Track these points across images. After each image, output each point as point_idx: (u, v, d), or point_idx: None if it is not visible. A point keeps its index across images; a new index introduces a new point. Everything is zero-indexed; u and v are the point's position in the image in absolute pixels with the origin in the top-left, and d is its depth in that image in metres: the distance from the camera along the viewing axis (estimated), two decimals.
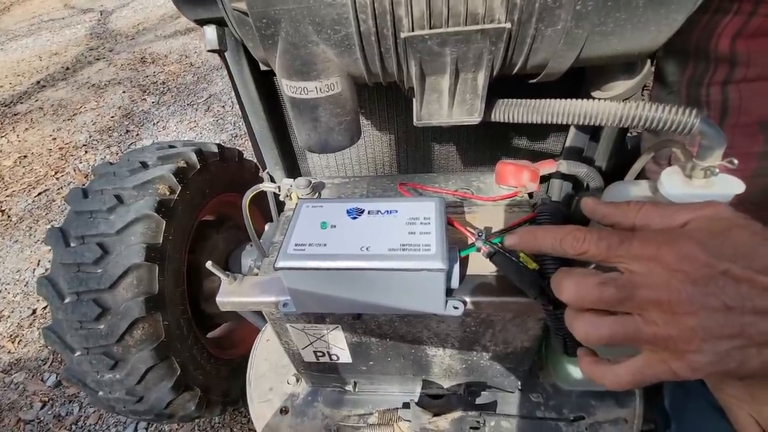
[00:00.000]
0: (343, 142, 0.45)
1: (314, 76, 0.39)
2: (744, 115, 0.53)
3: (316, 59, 0.38)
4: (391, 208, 0.46)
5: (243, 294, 0.52)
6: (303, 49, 0.37)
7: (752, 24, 0.50)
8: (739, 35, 0.51)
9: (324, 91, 0.40)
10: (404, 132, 0.78)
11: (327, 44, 0.37)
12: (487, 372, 0.67)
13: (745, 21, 0.50)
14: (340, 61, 0.39)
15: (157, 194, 1.05)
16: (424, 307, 0.46)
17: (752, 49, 0.51)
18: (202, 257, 1.28)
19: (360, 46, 0.37)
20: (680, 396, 0.73)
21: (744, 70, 0.52)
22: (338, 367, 0.67)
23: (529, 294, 0.47)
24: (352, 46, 0.37)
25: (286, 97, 0.42)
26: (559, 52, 0.38)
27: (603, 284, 0.32)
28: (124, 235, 0.98)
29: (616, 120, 0.44)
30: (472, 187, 0.67)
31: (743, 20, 0.50)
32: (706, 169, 0.43)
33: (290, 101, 0.42)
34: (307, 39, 0.36)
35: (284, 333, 0.59)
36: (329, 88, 0.40)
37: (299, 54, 0.37)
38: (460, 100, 0.43)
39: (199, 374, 1.11)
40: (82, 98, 3.17)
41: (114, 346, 0.95)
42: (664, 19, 0.36)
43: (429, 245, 0.42)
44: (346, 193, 0.67)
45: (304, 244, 0.43)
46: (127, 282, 0.96)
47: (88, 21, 4.66)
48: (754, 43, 0.51)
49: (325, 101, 0.41)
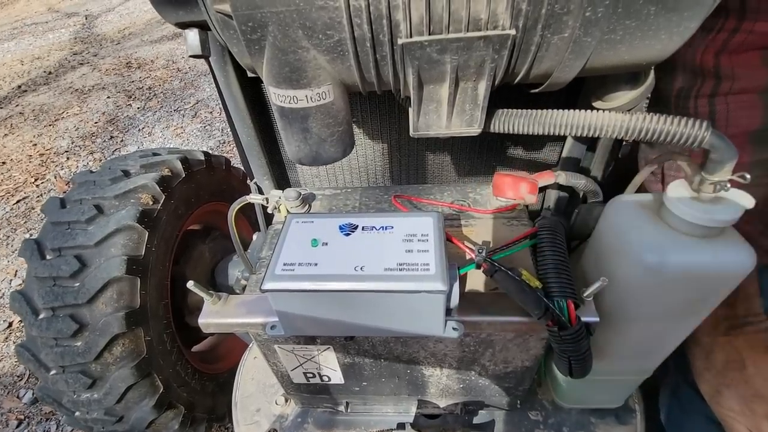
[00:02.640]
0: (335, 154, 0.42)
1: (304, 84, 0.36)
2: (732, 127, 0.53)
3: (307, 66, 0.35)
4: (387, 224, 0.44)
5: (227, 315, 0.48)
6: (292, 56, 0.34)
7: (735, 40, 0.50)
8: (722, 51, 0.51)
9: (315, 100, 0.37)
10: (397, 141, 0.76)
11: (318, 50, 0.35)
12: (485, 391, 0.64)
13: (728, 38, 0.51)
14: (333, 68, 0.36)
15: (140, 204, 1.01)
16: (422, 329, 0.44)
17: (736, 64, 0.52)
18: (188, 268, 1.24)
19: (354, 52, 0.34)
20: (677, 410, 0.71)
21: (729, 84, 0.53)
22: (329, 388, 0.64)
23: (532, 314, 0.44)
24: (345, 52, 0.35)
25: (274, 106, 0.39)
26: (566, 61, 0.36)
27: None
28: (104, 247, 0.94)
29: (622, 132, 0.42)
30: (468, 199, 0.65)
31: (726, 37, 0.51)
32: (716, 183, 0.41)
33: (278, 111, 0.39)
34: (296, 44, 0.34)
35: (272, 354, 0.56)
36: (320, 97, 0.37)
37: (288, 60, 0.35)
38: (460, 111, 0.41)
39: (183, 391, 1.07)
40: (64, 103, 3.09)
41: (92, 363, 0.91)
42: (676, 27, 0.34)
43: (428, 265, 0.39)
44: (338, 205, 0.64)
45: (293, 264, 0.40)
46: (107, 296, 0.92)
47: (73, 25, 4.57)
48: (737, 59, 0.51)
49: (315, 111, 0.38)
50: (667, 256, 0.43)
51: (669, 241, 0.44)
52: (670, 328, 0.51)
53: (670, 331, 0.51)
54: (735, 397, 0.53)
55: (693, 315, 0.49)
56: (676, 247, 0.43)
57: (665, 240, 0.44)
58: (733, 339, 0.54)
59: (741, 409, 0.53)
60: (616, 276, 0.48)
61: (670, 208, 0.44)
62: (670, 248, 0.43)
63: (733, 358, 0.53)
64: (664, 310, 0.48)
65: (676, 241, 0.44)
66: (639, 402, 0.72)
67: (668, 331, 0.51)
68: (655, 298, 0.47)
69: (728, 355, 0.54)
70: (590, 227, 0.63)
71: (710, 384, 0.56)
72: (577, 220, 0.61)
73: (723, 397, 0.54)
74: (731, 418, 0.54)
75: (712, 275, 0.43)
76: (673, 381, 0.70)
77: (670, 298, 0.47)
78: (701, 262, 0.43)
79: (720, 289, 0.45)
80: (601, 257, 0.52)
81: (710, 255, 0.42)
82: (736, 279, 0.44)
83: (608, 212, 0.51)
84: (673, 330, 0.51)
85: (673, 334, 0.52)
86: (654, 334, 0.52)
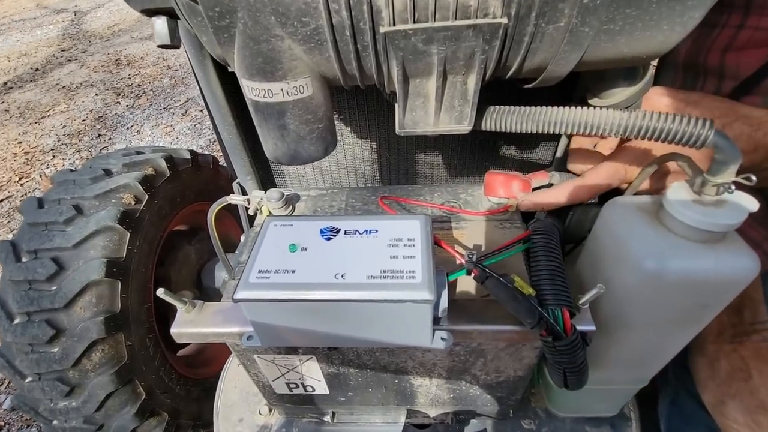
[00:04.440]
0: (316, 152, 0.39)
1: (280, 76, 0.33)
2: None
3: (281, 57, 0.32)
4: (371, 228, 0.41)
5: (202, 324, 0.45)
6: (265, 45, 0.31)
7: (741, 37, 0.48)
8: (728, 49, 0.50)
9: (292, 93, 0.34)
10: (387, 140, 0.73)
11: (293, 39, 0.32)
12: (476, 401, 0.61)
13: (734, 34, 0.49)
14: (310, 59, 0.33)
15: (121, 204, 0.98)
16: (408, 340, 0.41)
17: (741, 62, 0.50)
18: (173, 270, 1.21)
19: (333, 41, 0.32)
20: (678, 420, 0.69)
21: (732, 83, 0.51)
22: (314, 398, 0.61)
23: (525, 323, 0.42)
24: (323, 41, 0.32)
25: (248, 101, 0.37)
26: (561, 53, 0.33)
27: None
28: (83, 249, 0.91)
29: (620, 130, 0.39)
30: (459, 200, 0.62)
31: (732, 33, 0.49)
32: (719, 185, 0.39)
33: (253, 106, 0.36)
34: (269, 32, 0.31)
35: (252, 365, 0.53)
36: (298, 90, 0.34)
37: (261, 50, 0.32)
38: (448, 107, 0.38)
39: (167, 397, 1.04)
40: (51, 100, 3.03)
41: (69, 370, 0.88)
42: (679, 17, 0.32)
43: (414, 272, 0.37)
44: (323, 207, 0.61)
45: (269, 271, 0.37)
46: (85, 300, 0.89)
47: (61, 21, 4.50)
48: (743, 56, 0.49)
49: (293, 106, 0.35)
50: (667, 262, 0.41)
51: (669, 246, 0.41)
52: (669, 336, 0.49)
53: (669, 339, 0.49)
54: (739, 408, 0.51)
55: (694, 323, 0.47)
56: (676, 252, 0.41)
57: (665, 244, 0.42)
58: (738, 347, 0.52)
59: (745, 421, 0.51)
60: (614, 282, 0.46)
61: (670, 211, 0.42)
62: (670, 253, 0.41)
63: (739, 368, 0.51)
64: (663, 317, 0.46)
65: (676, 246, 0.41)
66: (635, 410, 0.70)
67: (667, 339, 0.49)
68: (654, 306, 0.45)
69: (733, 364, 0.52)
70: (586, 230, 0.61)
71: (714, 394, 0.54)
72: (572, 223, 0.58)
73: (727, 407, 0.53)
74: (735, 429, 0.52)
75: (714, 282, 0.41)
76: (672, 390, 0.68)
77: (669, 305, 0.45)
78: (703, 268, 0.40)
79: (722, 296, 0.43)
80: (598, 262, 0.50)
81: (712, 261, 0.40)
82: (739, 286, 0.42)
83: (605, 215, 0.48)
84: (672, 338, 0.49)
85: (673, 343, 0.50)
86: (653, 342, 0.50)
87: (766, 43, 0.46)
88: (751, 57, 0.48)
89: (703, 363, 0.58)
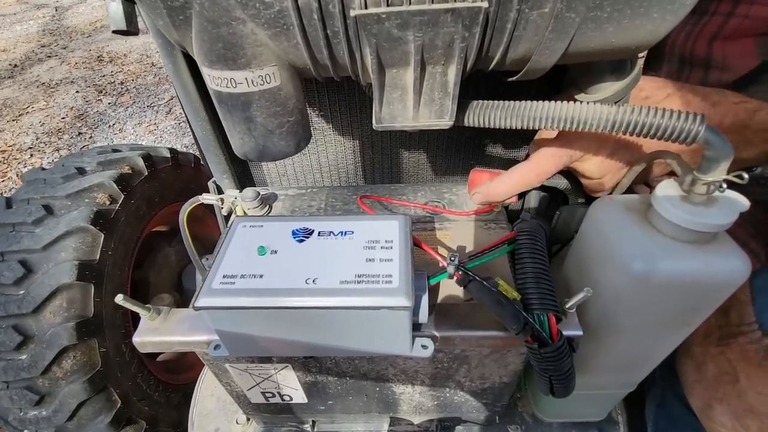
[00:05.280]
0: (286, 148, 0.37)
1: (243, 64, 0.31)
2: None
3: (244, 42, 0.30)
4: (347, 229, 0.38)
5: (167, 332, 0.42)
6: (225, 29, 0.29)
7: (730, 25, 0.47)
8: (716, 37, 0.48)
9: (257, 83, 0.32)
10: (370, 137, 0.70)
11: (256, 23, 0.29)
12: (461, 407, 0.59)
13: (722, 22, 0.48)
14: (276, 45, 0.31)
15: (95, 204, 0.94)
16: (387, 348, 0.38)
17: (728, 52, 0.48)
18: (151, 272, 1.17)
19: (300, 26, 0.29)
20: (664, 424, 0.68)
21: (718, 74, 0.49)
22: (292, 407, 0.58)
23: (510, 328, 0.40)
24: (289, 26, 0.29)
25: (211, 91, 0.34)
26: (546, 42, 0.31)
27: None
28: (53, 251, 0.87)
29: (608, 126, 0.38)
30: (443, 200, 0.60)
31: (721, 21, 0.48)
32: (709, 183, 0.37)
33: (216, 96, 0.34)
34: (228, 15, 0.28)
35: (224, 374, 0.50)
36: (264, 80, 0.32)
37: (221, 35, 0.29)
38: (428, 100, 0.36)
39: (145, 405, 1.00)
40: (30, 97, 2.93)
41: (38, 378, 0.84)
42: (670, 4, 0.30)
43: (390, 276, 0.34)
44: (302, 207, 0.58)
45: (234, 276, 0.34)
46: (55, 305, 0.85)
47: (42, 17, 4.37)
48: (731, 45, 0.48)
49: (259, 97, 0.32)
50: (656, 263, 0.39)
51: (657, 247, 0.40)
52: (658, 339, 0.47)
53: (658, 343, 0.48)
54: (727, 412, 0.50)
55: (683, 326, 0.45)
56: (665, 253, 0.39)
57: (653, 245, 0.40)
58: (725, 350, 0.51)
59: (733, 425, 0.49)
60: (601, 284, 0.44)
61: (658, 211, 0.40)
62: (659, 254, 0.39)
63: (726, 371, 0.50)
64: (652, 320, 0.45)
65: (665, 247, 0.40)
66: (622, 413, 0.69)
67: (656, 343, 0.48)
68: (642, 308, 0.43)
69: (720, 367, 0.51)
70: (572, 230, 0.59)
71: (701, 397, 0.53)
72: (558, 223, 0.57)
73: (714, 411, 0.51)
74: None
75: (704, 284, 0.40)
76: (659, 393, 0.66)
77: (658, 307, 0.43)
78: (692, 269, 0.39)
79: (713, 298, 0.42)
80: (585, 263, 0.48)
81: (702, 262, 0.39)
82: (729, 288, 0.40)
83: (592, 214, 0.47)
84: (661, 342, 0.48)
85: (661, 346, 0.48)
86: (641, 346, 0.48)
87: (753, 32, 0.45)
88: (737, 47, 0.47)
89: (690, 366, 0.56)
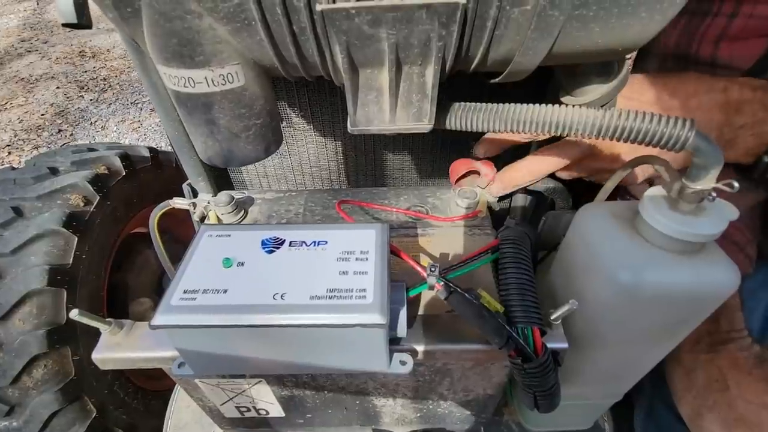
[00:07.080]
0: (255, 152, 0.34)
1: (201, 62, 0.28)
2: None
3: (201, 38, 0.27)
4: (320, 239, 0.36)
5: (129, 348, 0.40)
6: (179, 23, 0.26)
7: (734, 26, 0.46)
8: (721, 39, 0.47)
9: (219, 83, 0.29)
10: (352, 139, 0.68)
11: (214, 17, 0.26)
12: (445, 419, 0.58)
13: (726, 23, 0.46)
14: (239, 42, 0.28)
15: (68, 206, 0.90)
16: (363, 365, 0.36)
17: (735, 54, 0.47)
18: (130, 276, 1.13)
19: (262, 21, 0.27)
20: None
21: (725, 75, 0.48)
22: (269, 422, 0.56)
23: (493, 342, 0.38)
24: (250, 21, 0.27)
25: (169, 91, 0.31)
26: (529, 42, 0.29)
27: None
28: (22, 256, 0.83)
29: (594, 131, 0.36)
30: (427, 205, 0.58)
31: (724, 22, 0.46)
32: (698, 192, 0.35)
33: (174, 96, 0.31)
34: (182, 7, 0.25)
35: (194, 390, 0.47)
36: (225, 79, 0.29)
37: (174, 29, 0.26)
38: (405, 102, 0.34)
39: (122, 413, 0.96)
40: (8, 93, 2.84)
41: (8, 388, 0.80)
42: (658, 4, 0.28)
43: (364, 291, 0.32)
44: (279, 212, 0.56)
45: (196, 291, 0.32)
46: (24, 312, 0.81)
47: (23, 11, 4.25)
48: (737, 47, 0.46)
49: (221, 98, 0.30)
50: (643, 274, 0.37)
51: (645, 257, 0.38)
52: (645, 351, 0.46)
53: (645, 354, 0.46)
54: (717, 420, 0.49)
55: (670, 338, 0.44)
56: (652, 264, 0.38)
57: (640, 256, 0.38)
58: (715, 357, 0.49)
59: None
60: (586, 295, 0.42)
61: (646, 219, 0.38)
62: (646, 265, 0.38)
63: (715, 378, 0.49)
64: (639, 332, 0.43)
65: (652, 258, 0.38)
66: (609, 422, 0.68)
67: (643, 354, 0.46)
68: (629, 320, 0.42)
69: (710, 374, 0.49)
70: (558, 237, 0.58)
71: (690, 406, 0.52)
72: (544, 229, 0.55)
73: (704, 420, 0.50)
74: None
75: (693, 295, 0.38)
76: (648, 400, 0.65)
77: (645, 319, 0.41)
78: (680, 281, 0.37)
79: (701, 310, 0.40)
80: (570, 273, 0.46)
81: (690, 273, 0.37)
82: (718, 300, 0.39)
83: (577, 222, 0.45)
84: (648, 353, 0.46)
85: (648, 358, 0.47)
86: (628, 357, 0.47)
87: (760, 32, 0.43)
88: (745, 48, 0.45)
89: (679, 373, 0.55)
